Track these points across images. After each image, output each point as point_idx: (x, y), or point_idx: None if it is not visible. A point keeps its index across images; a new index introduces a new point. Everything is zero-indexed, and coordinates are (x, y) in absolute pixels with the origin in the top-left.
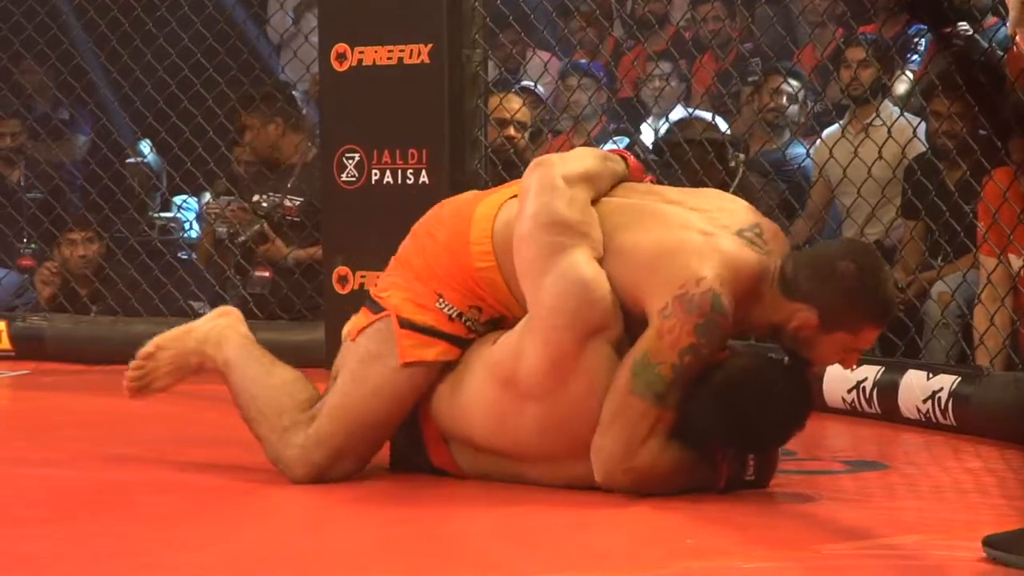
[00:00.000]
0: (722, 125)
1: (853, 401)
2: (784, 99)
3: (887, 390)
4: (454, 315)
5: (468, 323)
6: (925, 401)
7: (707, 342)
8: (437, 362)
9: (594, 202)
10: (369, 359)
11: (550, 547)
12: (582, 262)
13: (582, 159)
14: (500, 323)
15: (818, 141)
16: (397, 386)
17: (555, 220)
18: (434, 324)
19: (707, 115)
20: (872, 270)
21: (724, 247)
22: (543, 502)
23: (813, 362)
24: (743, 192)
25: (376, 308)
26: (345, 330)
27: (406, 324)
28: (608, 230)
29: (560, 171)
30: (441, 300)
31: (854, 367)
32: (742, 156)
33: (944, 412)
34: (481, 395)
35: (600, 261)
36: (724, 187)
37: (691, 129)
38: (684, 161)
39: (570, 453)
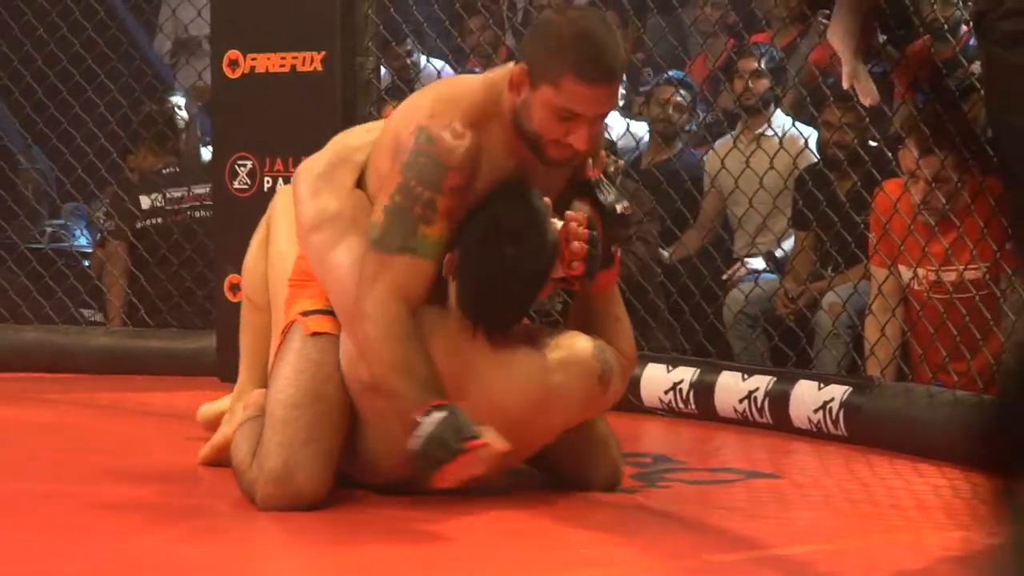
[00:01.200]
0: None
1: (744, 411)
2: (672, 109)
3: (778, 400)
4: None
5: None
6: (816, 411)
7: (415, 175)
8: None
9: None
10: (278, 358)
11: (439, 557)
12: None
13: (323, 153)
14: None
15: (709, 151)
16: (309, 355)
17: (313, 223)
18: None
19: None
20: (582, 23)
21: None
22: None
23: (540, 136)
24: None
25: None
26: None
27: (307, 313)
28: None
29: (307, 176)
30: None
31: (578, 153)
32: (621, 162)
33: (835, 422)
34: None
35: None
36: None
37: None
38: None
39: None
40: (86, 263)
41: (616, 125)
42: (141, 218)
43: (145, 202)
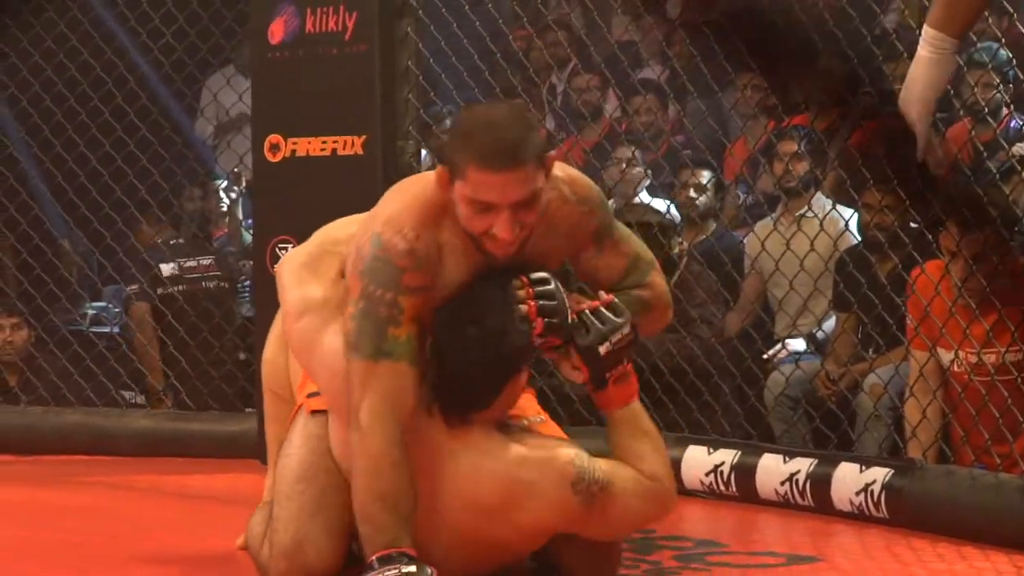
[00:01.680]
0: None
1: (786, 493)
2: (692, 191)
3: (820, 482)
4: None
5: None
6: (858, 494)
7: (372, 279)
8: None
9: None
10: (285, 440)
11: None
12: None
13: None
14: None
15: (750, 233)
16: (310, 431)
17: (299, 310)
18: None
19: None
20: (483, 113)
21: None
22: None
23: (472, 231)
24: (685, 282)
25: None
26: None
27: (312, 395)
28: None
29: (291, 266)
30: None
31: (507, 243)
32: (685, 244)
33: (877, 504)
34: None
35: None
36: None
37: (633, 211)
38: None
39: None
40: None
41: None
42: (165, 285)
43: (166, 269)
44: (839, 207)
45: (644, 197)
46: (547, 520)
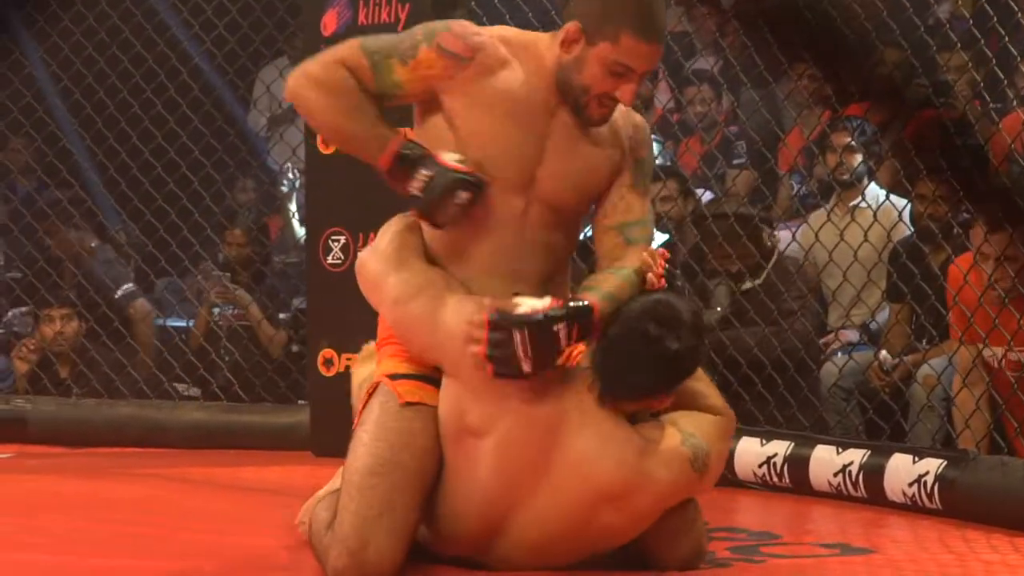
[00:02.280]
0: None
1: (839, 485)
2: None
3: (873, 474)
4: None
5: None
6: (911, 485)
7: (423, 26)
8: (428, 406)
9: None
10: (359, 424)
11: None
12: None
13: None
14: None
15: (803, 224)
16: (387, 423)
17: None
18: (420, 370)
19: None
20: None
21: None
22: None
23: (588, 90)
24: (782, 275)
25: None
26: None
27: (395, 376)
28: None
29: (375, 260)
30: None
31: (623, 106)
32: (778, 236)
33: (930, 496)
34: None
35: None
36: (758, 270)
37: (731, 202)
38: (713, 238)
39: None
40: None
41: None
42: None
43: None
44: (892, 198)
45: None
46: (669, 501)
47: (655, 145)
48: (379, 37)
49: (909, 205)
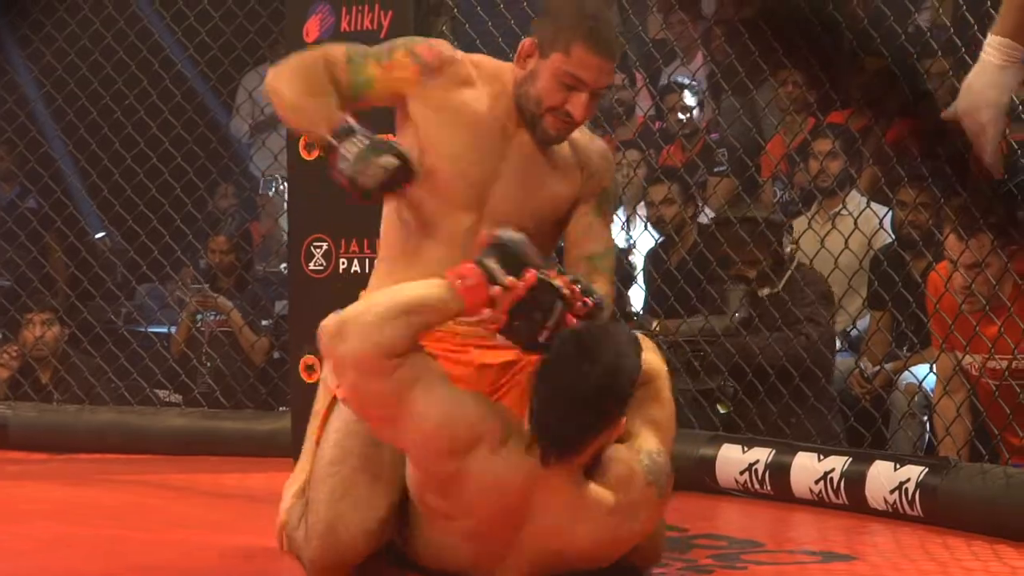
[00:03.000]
0: None
1: (820, 492)
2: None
3: (854, 481)
4: None
5: None
6: (892, 492)
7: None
8: None
9: None
10: (325, 426)
11: None
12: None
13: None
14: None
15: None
16: (348, 418)
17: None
18: None
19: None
20: (593, 3)
21: None
22: None
23: (541, 102)
24: (793, 282)
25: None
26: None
27: None
28: None
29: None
30: None
31: (574, 122)
32: (795, 246)
33: (911, 503)
34: None
35: None
36: (772, 278)
37: (737, 207)
38: (731, 239)
39: None
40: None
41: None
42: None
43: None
44: (874, 205)
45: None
46: (642, 535)
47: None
48: (348, 45)
49: (890, 212)
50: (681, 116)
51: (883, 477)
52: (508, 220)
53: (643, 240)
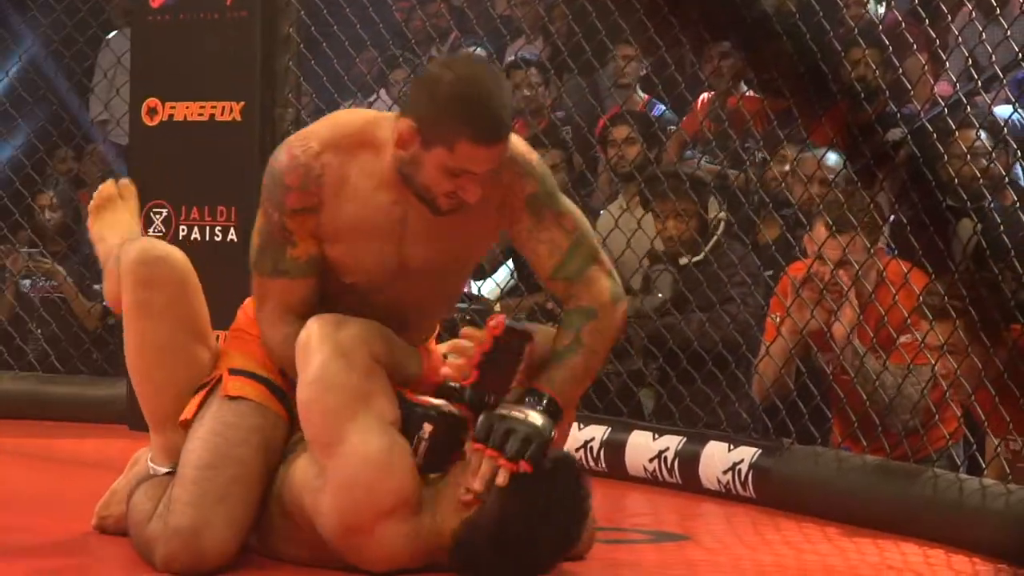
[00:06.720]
0: None
1: (654, 470)
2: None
3: (688, 460)
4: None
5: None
6: (726, 472)
7: (267, 195)
8: (263, 405)
9: None
10: (196, 418)
11: None
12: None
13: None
14: None
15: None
16: (225, 418)
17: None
18: (262, 371)
19: None
20: (472, 79)
21: None
22: None
23: (429, 189)
24: (724, 258)
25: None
26: None
27: (235, 372)
28: None
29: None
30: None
31: (475, 199)
32: (723, 215)
33: (744, 484)
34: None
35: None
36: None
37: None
38: (658, 193)
39: None
40: None
41: None
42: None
43: None
44: None
45: None
46: None
47: None
48: (259, 249)
49: None
50: (527, 92)
51: (717, 457)
52: (430, 270)
53: None
